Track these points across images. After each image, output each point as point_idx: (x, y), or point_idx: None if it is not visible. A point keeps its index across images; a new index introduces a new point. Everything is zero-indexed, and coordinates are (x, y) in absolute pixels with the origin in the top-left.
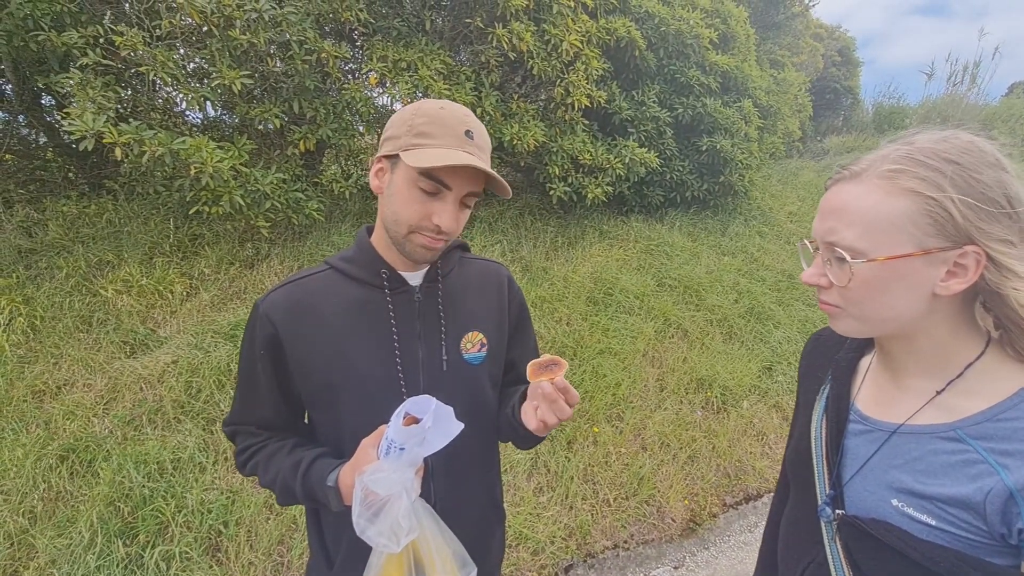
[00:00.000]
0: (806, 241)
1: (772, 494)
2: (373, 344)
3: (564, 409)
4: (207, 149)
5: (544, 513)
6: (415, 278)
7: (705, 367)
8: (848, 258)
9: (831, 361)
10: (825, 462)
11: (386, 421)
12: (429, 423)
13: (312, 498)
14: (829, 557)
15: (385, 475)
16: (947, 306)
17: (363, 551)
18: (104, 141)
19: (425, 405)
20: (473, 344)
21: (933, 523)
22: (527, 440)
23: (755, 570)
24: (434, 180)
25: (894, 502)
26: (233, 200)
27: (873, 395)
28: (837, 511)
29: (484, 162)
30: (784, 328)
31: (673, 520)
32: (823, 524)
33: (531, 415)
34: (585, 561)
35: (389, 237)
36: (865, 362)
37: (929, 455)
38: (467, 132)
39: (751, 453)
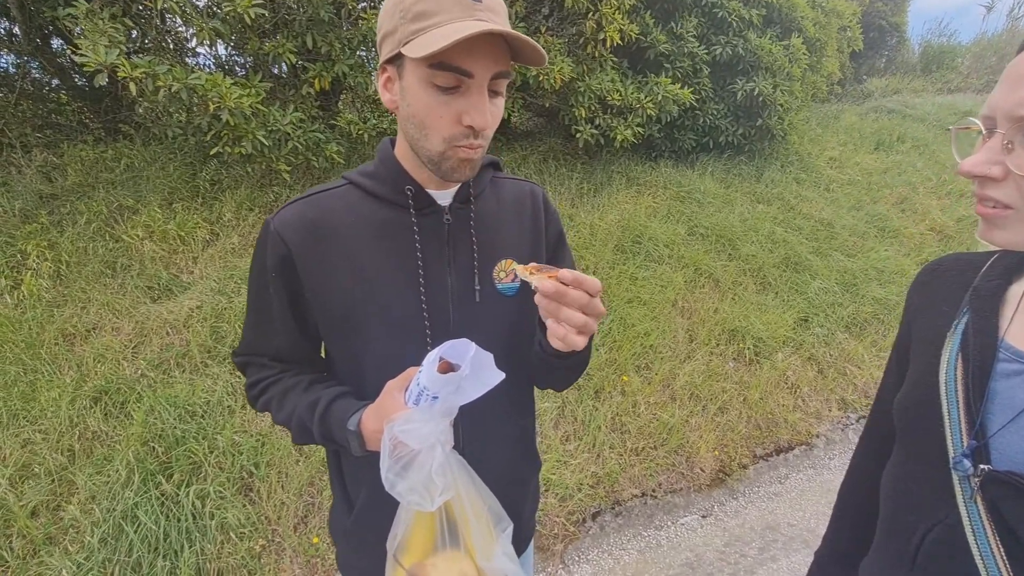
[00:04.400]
0: (974, 120)
1: (805, 447)
2: (395, 271)
3: (578, 298)
4: (224, 85)
5: (571, 461)
6: (444, 197)
7: (737, 318)
8: None
9: (964, 290)
10: (962, 408)
11: (412, 360)
12: (467, 371)
13: (330, 440)
14: (965, 518)
15: (417, 426)
16: None
17: (384, 498)
18: (118, 75)
19: (463, 350)
20: (507, 273)
21: None
22: (560, 373)
23: (830, 526)
24: (450, 70)
25: None
26: (255, 140)
27: None
28: (980, 466)
29: (503, 26)
30: (822, 279)
31: (702, 470)
32: (957, 480)
33: (554, 329)
34: (612, 508)
35: (420, 159)
36: (1016, 290)
37: None
38: None
39: (783, 406)
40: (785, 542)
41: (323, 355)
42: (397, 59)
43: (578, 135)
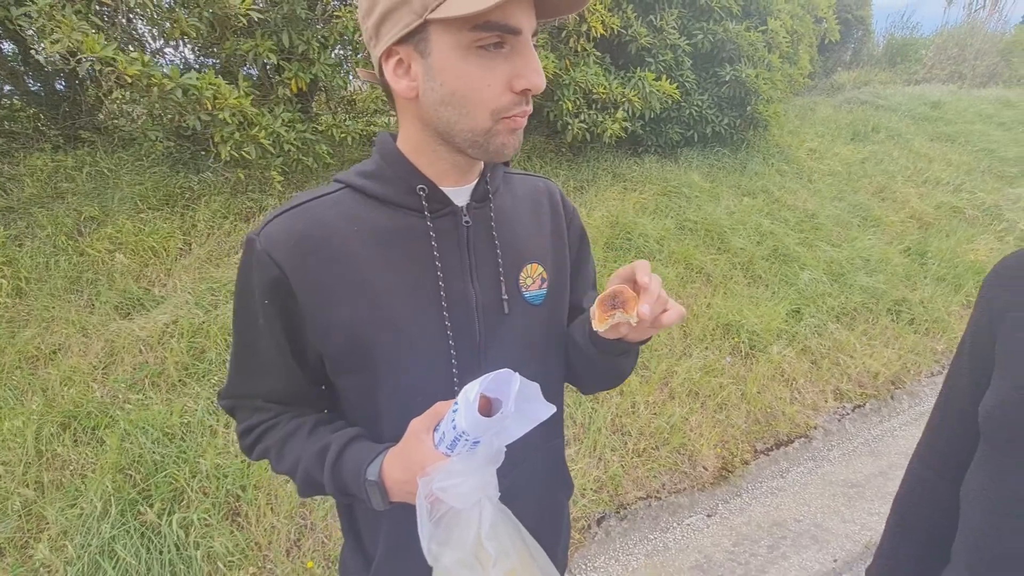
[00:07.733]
0: None
1: (803, 439)
2: (411, 286)
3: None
4: (220, 84)
5: (573, 466)
6: (460, 195)
7: (731, 312)
8: None
9: None
10: None
11: (435, 390)
12: (512, 409)
13: (345, 493)
14: None
15: (460, 480)
16: None
17: (407, 550)
18: (117, 68)
19: (506, 383)
20: (533, 280)
21: None
22: (609, 360)
23: (886, 542)
24: (496, 28)
25: None
26: (257, 144)
27: None
28: None
29: None
30: (810, 270)
31: (705, 468)
32: None
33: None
34: (617, 512)
35: (455, 145)
36: None
37: None
38: None
39: (780, 399)
40: (794, 539)
41: (324, 388)
42: (414, 35)
43: (568, 129)
